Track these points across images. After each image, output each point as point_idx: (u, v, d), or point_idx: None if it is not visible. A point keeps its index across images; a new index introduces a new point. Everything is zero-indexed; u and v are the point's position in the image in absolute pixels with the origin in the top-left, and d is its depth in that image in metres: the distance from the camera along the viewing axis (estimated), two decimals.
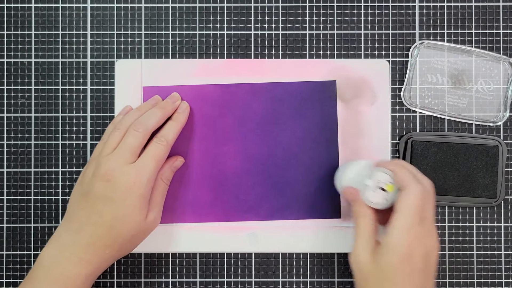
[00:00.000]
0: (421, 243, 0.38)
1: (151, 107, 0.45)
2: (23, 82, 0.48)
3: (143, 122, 0.42)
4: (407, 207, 0.38)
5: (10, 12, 0.48)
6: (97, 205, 0.40)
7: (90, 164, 0.42)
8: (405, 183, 0.39)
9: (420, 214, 0.38)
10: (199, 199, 0.47)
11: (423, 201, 0.38)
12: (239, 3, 0.48)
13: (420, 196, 0.38)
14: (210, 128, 0.47)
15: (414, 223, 0.38)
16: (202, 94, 0.47)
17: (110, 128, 0.45)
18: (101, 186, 0.40)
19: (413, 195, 0.38)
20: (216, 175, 0.47)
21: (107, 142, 0.42)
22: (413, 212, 0.38)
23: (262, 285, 0.47)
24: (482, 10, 0.48)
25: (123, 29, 0.48)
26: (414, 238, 0.38)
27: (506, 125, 0.48)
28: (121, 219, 0.40)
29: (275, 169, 0.47)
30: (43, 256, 0.40)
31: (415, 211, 0.38)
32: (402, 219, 0.38)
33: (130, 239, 0.41)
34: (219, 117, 0.47)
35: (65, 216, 0.42)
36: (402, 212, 0.38)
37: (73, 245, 0.40)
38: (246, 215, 0.47)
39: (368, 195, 0.41)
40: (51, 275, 0.39)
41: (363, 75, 0.47)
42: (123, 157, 0.41)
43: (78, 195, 0.42)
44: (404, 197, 0.39)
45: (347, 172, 0.43)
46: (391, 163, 0.41)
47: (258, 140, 0.47)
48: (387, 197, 0.40)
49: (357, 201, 0.42)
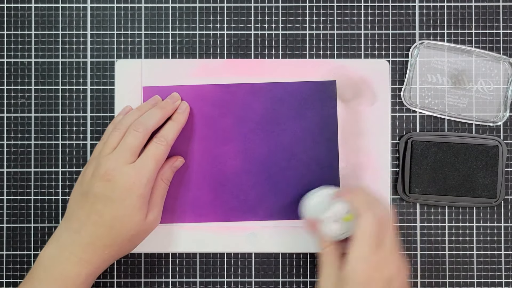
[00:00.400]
0: (378, 271, 0.38)
1: (151, 107, 0.45)
2: (23, 82, 0.48)
3: (143, 122, 0.42)
4: (360, 236, 0.38)
5: (10, 12, 0.48)
6: (96, 205, 0.40)
7: (90, 164, 0.42)
8: (359, 211, 0.39)
9: (374, 241, 0.38)
10: (199, 199, 0.47)
11: (377, 227, 0.38)
12: (239, 3, 0.48)
13: (372, 223, 0.38)
14: (210, 128, 0.47)
15: (369, 251, 0.38)
16: (202, 94, 0.47)
17: (110, 128, 0.45)
18: (100, 186, 0.40)
19: (365, 223, 0.38)
20: (216, 175, 0.47)
21: (107, 142, 0.42)
22: (367, 240, 0.38)
23: (262, 285, 0.47)
24: (482, 10, 0.48)
25: (123, 29, 0.48)
26: (370, 267, 0.38)
27: (506, 125, 0.48)
28: (120, 219, 0.40)
29: (275, 169, 0.47)
30: (42, 256, 0.40)
31: (368, 239, 0.38)
32: (357, 248, 0.38)
33: (130, 239, 0.41)
34: (219, 117, 0.47)
35: (65, 216, 0.42)
36: (357, 240, 0.38)
37: (73, 245, 0.40)
38: (246, 215, 0.47)
39: (325, 228, 0.41)
40: (51, 275, 0.39)
41: (363, 75, 0.47)
42: (123, 157, 0.41)
43: (77, 194, 0.42)
44: (357, 226, 0.39)
45: (308, 200, 0.43)
46: (349, 192, 0.41)
47: (258, 140, 0.47)
48: (345, 228, 0.41)
49: (316, 234, 0.42)
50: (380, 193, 0.47)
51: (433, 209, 0.47)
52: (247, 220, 0.47)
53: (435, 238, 0.47)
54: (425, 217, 0.47)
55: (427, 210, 0.47)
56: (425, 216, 0.47)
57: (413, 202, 0.47)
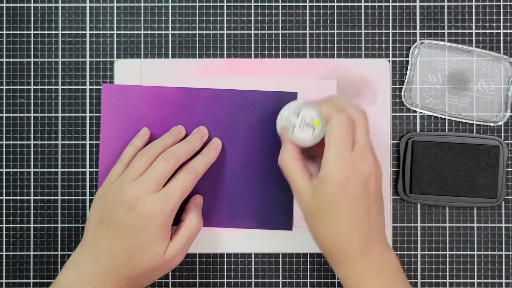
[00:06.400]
0: (355, 169, 0.38)
1: (175, 137, 0.44)
2: (22, 82, 0.48)
3: (175, 153, 0.42)
4: (333, 137, 0.39)
5: (10, 12, 0.48)
6: (118, 233, 0.39)
7: (109, 188, 0.41)
8: (329, 114, 0.40)
9: (347, 141, 0.39)
10: None
11: (348, 127, 0.39)
12: (239, 3, 0.48)
13: (343, 123, 0.39)
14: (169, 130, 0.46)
15: (344, 151, 0.38)
16: (163, 96, 0.46)
17: (130, 151, 0.44)
18: (123, 213, 0.39)
19: (336, 124, 0.39)
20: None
21: (133, 167, 0.41)
22: (340, 140, 0.39)
23: (262, 285, 0.47)
24: (482, 9, 0.48)
25: (123, 29, 0.48)
26: (346, 165, 0.38)
27: (507, 125, 0.48)
28: (141, 249, 0.39)
29: (230, 176, 0.46)
30: (59, 282, 0.39)
31: (341, 139, 0.39)
32: (331, 149, 0.39)
33: (146, 273, 0.40)
34: (179, 120, 0.46)
35: (83, 241, 0.41)
36: (330, 143, 0.39)
37: (91, 274, 0.39)
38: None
39: (294, 133, 0.41)
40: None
41: (364, 74, 0.47)
42: (150, 185, 0.40)
43: (97, 220, 0.41)
44: (329, 129, 0.39)
45: (281, 112, 0.43)
46: (319, 99, 0.42)
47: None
48: (314, 132, 0.41)
49: (284, 139, 0.42)
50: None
51: (433, 209, 0.47)
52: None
53: (435, 239, 0.47)
54: (426, 217, 0.47)
55: (427, 210, 0.47)
56: (425, 216, 0.47)
57: (413, 202, 0.47)
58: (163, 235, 0.40)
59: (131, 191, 0.39)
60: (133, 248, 0.39)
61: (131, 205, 0.39)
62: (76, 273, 0.39)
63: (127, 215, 0.39)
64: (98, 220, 0.41)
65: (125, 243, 0.39)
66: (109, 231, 0.39)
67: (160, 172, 0.40)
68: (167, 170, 0.41)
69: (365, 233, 0.39)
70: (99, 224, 0.40)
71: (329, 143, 0.39)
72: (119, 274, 0.39)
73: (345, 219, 0.39)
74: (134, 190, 0.39)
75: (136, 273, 0.40)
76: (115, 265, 0.39)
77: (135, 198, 0.39)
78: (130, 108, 0.46)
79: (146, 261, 0.39)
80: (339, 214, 0.39)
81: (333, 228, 0.39)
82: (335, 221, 0.39)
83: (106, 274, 0.39)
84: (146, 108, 0.46)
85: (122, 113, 0.46)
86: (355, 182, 0.38)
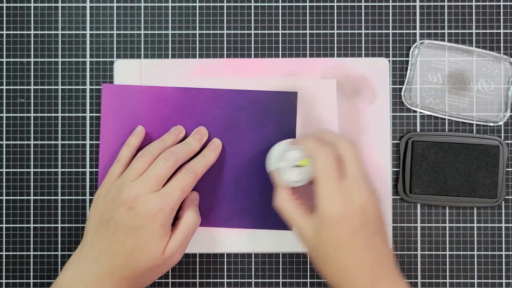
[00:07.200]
0: (349, 201, 0.38)
1: (174, 137, 0.44)
2: (22, 82, 0.48)
3: (175, 153, 0.42)
4: (318, 173, 0.39)
5: (10, 12, 0.48)
6: (118, 233, 0.39)
7: (108, 188, 0.41)
8: (310, 152, 0.39)
9: (332, 173, 0.38)
10: None
11: (333, 161, 0.38)
12: (239, 3, 0.48)
13: (325, 157, 0.38)
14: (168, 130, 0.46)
15: (332, 184, 0.38)
16: (163, 96, 0.46)
17: (125, 151, 0.44)
18: (122, 213, 0.39)
19: (318, 159, 0.39)
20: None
21: (133, 167, 0.41)
22: (325, 174, 0.38)
23: (262, 285, 0.47)
24: (482, 9, 0.48)
25: (123, 29, 0.48)
26: (339, 200, 0.38)
27: (507, 125, 0.47)
28: (140, 248, 0.39)
29: (230, 177, 0.46)
30: (60, 282, 0.39)
31: (325, 173, 0.38)
32: (319, 185, 0.38)
33: (146, 272, 0.40)
34: (179, 120, 0.46)
35: (83, 242, 0.41)
36: (318, 179, 0.39)
37: (91, 274, 0.39)
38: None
39: (284, 176, 0.41)
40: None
41: (363, 73, 0.47)
42: (149, 185, 0.40)
43: (96, 221, 0.41)
44: (314, 166, 0.39)
45: (269, 153, 0.44)
46: (302, 138, 0.41)
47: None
48: (304, 172, 0.41)
49: (275, 183, 0.42)
50: (380, 193, 0.47)
51: (433, 209, 0.47)
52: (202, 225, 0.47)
53: (435, 239, 0.47)
54: (426, 217, 0.47)
55: (427, 211, 0.47)
56: (425, 216, 0.47)
57: (413, 202, 0.47)
58: (163, 234, 0.40)
59: (130, 191, 0.39)
60: (133, 247, 0.39)
61: (131, 205, 0.39)
62: (77, 274, 0.39)
63: (127, 215, 0.39)
64: (98, 220, 0.41)
65: (125, 243, 0.39)
66: (109, 231, 0.39)
67: (159, 172, 0.40)
68: (167, 170, 0.41)
69: (371, 265, 0.38)
70: (99, 225, 0.40)
71: (318, 180, 0.39)
72: (119, 274, 0.39)
73: (348, 254, 0.38)
74: (134, 190, 0.40)
75: (136, 272, 0.40)
76: (116, 265, 0.39)
77: (135, 198, 0.39)
78: (130, 108, 0.46)
79: (147, 260, 0.39)
80: (342, 249, 0.38)
81: (338, 264, 0.38)
82: (339, 257, 0.38)
83: (107, 274, 0.39)
84: (146, 108, 0.46)
85: (122, 113, 0.46)
86: (352, 215, 0.38)
